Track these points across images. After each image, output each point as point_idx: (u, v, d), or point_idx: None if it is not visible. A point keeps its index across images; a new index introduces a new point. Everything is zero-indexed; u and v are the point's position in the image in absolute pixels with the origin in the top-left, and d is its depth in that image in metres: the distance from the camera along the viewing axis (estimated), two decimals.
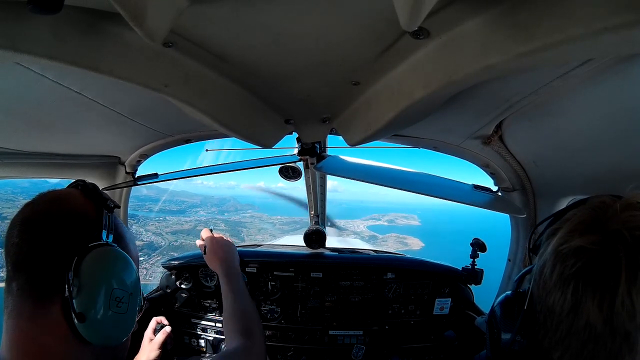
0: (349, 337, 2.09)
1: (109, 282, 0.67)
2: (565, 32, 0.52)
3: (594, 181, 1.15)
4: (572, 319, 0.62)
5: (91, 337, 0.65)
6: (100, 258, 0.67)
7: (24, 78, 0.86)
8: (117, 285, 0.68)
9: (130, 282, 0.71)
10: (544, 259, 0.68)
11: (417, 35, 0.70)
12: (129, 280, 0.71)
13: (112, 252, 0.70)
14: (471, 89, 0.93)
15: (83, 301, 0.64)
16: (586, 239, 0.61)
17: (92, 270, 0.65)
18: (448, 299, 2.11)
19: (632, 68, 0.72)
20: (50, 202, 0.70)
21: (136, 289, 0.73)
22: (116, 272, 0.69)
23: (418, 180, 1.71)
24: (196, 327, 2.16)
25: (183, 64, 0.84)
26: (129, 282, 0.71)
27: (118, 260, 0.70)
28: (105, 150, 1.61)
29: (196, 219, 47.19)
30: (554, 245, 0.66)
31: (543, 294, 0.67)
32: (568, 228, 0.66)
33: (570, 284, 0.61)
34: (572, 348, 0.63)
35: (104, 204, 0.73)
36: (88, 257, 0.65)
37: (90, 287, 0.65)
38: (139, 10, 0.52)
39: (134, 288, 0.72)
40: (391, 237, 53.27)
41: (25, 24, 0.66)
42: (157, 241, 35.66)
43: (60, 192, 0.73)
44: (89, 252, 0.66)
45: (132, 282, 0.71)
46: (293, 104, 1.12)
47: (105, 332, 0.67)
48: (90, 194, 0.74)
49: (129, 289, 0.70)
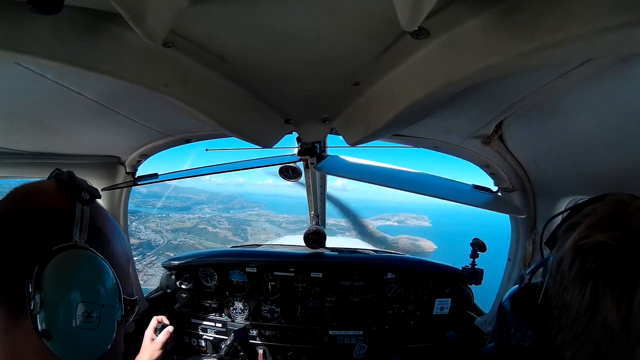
0: (349, 337, 2.09)
1: (72, 295, 0.57)
2: (565, 32, 0.52)
3: (594, 181, 1.14)
4: (588, 317, 0.60)
5: (63, 355, 0.57)
6: (63, 265, 0.57)
7: (24, 78, 0.86)
8: (83, 298, 0.57)
9: (102, 292, 0.60)
10: (562, 253, 0.66)
11: (417, 35, 0.70)
12: (101, 289, 0.60)
13: (78, 256, 0.59)
14: (471, 89, 0.92)
15: (46, 317, 0.55)
16: (609, 235, 0.60)
17: (53, 280, 0.55)
18: (448, 299, 2.11)
19: (632, 68, 0.72)
20: (17, 199, 0.61)
21: (111, 299, 0.62)
22: (82, 281, 0.58)
23: (418, 180, 1.71)
24: (196, 327, 2.17)
25: (183, 64, 0.84)
26: (101, 292, 0.60)
27: (86, 265, 0.59)
28: (105, 150, 1.61)
29: (200, 216, 46.59)
30: (574, 239, 0.64)
31: (560, 289, 0.65)
32: (589, 223, 0.64)
33: (590, 280, 0.60)
34: (586, 347, 0.61)
35: (77, 196, 0.62)
36: (50, 264, 0.55)
37: (52, 300, 0.55)
38: (139, 10, 0.52)
39: (108, 299, 0.61)
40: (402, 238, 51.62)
41: (25, 24, 0.66)
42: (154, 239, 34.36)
43: (31, 187, 0.64)
44: (52, 257, 0.56)
45: (105, 292, 0.60)
46: (293, 104, 1.12)
47: (76, 350, 0.58)
48: (64, 186, 0.63)
49: (101, 300, 0.59)
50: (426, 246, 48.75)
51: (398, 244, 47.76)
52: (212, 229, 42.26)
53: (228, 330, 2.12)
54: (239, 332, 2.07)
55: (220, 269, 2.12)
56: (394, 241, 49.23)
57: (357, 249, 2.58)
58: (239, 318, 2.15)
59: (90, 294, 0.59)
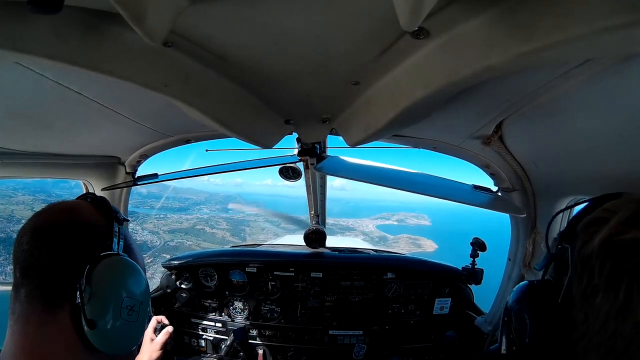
0: (348, 337, 2.09)
1: (121, 291, 0.69)
2: (565, 32, 0.52)
3: (594, 181, 1.14)
4: (620, 320, 0.56)
5: (100, 345, 0.65)
6: (112, 267, 0.69)
7: (24, 78, 0.86)
8: (128, 294, 0.69)
9: (140, 291, 0.72)
10: (589, 250, 0.61)
11: (417, 35, 0.70)
12: (139, 289, 0.72)
13: (123, 261, 0.71)
14: (471, 89, 0.93)
15: (94, 309, 0.65)
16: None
17: (104, 279, 0.67)
18: (448, 299, 2.11)
19: (632, 68, 0.71)
20: (61, 212, 0.71)
21: (146, 298, 0.74)
22: (127, 281, 0.70)
23: (418, 180, 1.71)
24: (196, 327, 2.17)
25: (183, 64, 0.84)
26: (139, 291, 0.72)
27: (129, 269, 0.72)
28: (105, 150, 1.61)
29: (198, 216, 46.55)
30: (603, 235, 0.59)
31: (587, 289, 0.60)
32: (619, 219, 0.60)
33: (624, 280, 0.56)
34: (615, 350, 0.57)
35: (114, 216, 0.76)
36: (100, 265, 0.67)
37: (103, 294, 0.66)
38: (139, 10, 0.52)
39: (143, 297, 0.73)
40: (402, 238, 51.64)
41: (25, 24, 0.66)
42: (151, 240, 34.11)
43: (71, 203, 0.75)
44: (101, 261, 0.67)
45: (141, 291, 0.73)
46: (293, 104, 1.12)
47: (115, 340, 0.68)
48: (100, 206, 0.76)
49: (139, 297, 0.72)
50: (427, 245, 48.49)
51: (398, 243, 47.46)
52: (210, 230, 42.11)
53: (228, 330, 2.12)
54: (239, 332, 2.07)
55: (220, 269, 2.13)
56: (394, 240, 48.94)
57: (357, 249, 2.58)
58: (239, 318, 2.15)
59: (132, 291, 0.70)
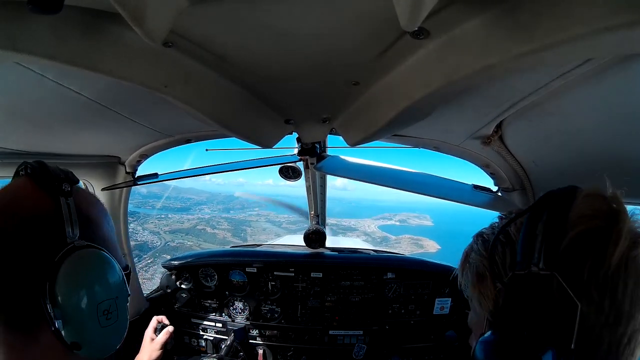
0: (349, 337, 2.09)
1: (90, 299, 0.57)
2: (565, 32, 0.52)
3: (594, 180, 1.14)
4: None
5: (91, 355, 0.60)
6: (71, 274, 0.56)
7: (24, 78, 0.86)
8: (100, 298, 0.59)
9: (112, 284, 0.61)
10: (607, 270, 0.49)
11: (417, 36, 0.70)
12: (111, 283, 0.61)
13: (84, 259, 0.58)
14: (471, 89, 0.93)
15: (72, 329, 0.56)
16: None
17: (70, 292, 0.56)
18: (448, 299, 2.11)
19: (632, 68, 0.71)
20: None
21: (120, 287, 0.63)
22: (95, 283, 0.59)
23: (418, 180, 1.71)
24: (196, 327, 2.17)
25: (183, 64, 0.84)
26: (112, 286, 0.61)
27: (93, 266, 0.60)
28: (105, 150, 1.61)
29: (199, 216, 46.31)
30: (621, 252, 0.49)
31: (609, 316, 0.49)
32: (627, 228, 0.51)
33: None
34: None
35: (58, 190, 0.59)
36: (60, 277, 0.54)
37: (74, 312, 0.56)
38: (139, 10, 0.52)
39: (117, 289, 0.62)
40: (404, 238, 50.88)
41: (25, 24, 0.66)
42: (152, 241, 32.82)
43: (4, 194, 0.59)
44: (58, 269, 0.55)
45: (114, 283, 0.62)
46: (293, 104, 1.12)
47: (103, 346, 0.61)
48: (40, 181, 0.59)
49: (113, 292, 0.61)
50: (429, 246, 48.26)
51: (400, 244, 47.29)
52: (211, 230, 42.02)
53: (228, 330, 2.12)
54: (239, 332, 2.07)
55: (221, 269, 2.13)
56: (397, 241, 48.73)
57: (357, 249, 2.58)
58: (239, 318, 2.15)
59: (104, 292, 0.60)
